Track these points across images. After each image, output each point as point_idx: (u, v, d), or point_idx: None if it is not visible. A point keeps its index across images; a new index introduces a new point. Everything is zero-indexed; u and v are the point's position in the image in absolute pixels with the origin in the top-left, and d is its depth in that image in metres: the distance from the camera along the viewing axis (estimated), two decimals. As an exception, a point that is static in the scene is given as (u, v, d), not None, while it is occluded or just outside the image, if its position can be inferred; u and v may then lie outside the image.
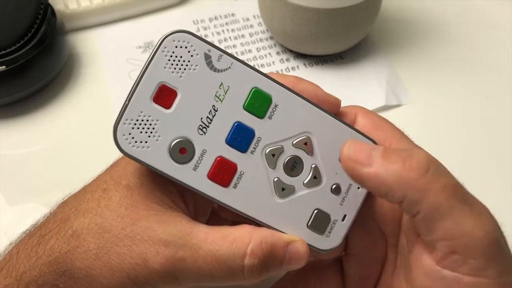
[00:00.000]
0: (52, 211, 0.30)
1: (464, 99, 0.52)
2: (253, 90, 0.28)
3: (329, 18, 0.49)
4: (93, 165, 0.34)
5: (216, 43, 0.56)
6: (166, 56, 0.27)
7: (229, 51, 0.55)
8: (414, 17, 0.59)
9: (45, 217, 0.30)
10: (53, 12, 0.51)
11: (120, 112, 0.27)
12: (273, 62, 0.55)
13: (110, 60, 0.55)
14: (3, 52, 0.47)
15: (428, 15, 0.59)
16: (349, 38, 0.53)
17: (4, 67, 0.47)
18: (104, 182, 0.29)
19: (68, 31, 0.55)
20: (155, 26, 0.58)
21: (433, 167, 0.26)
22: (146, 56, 0.55)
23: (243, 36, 0.57)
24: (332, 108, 0.30)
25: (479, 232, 0.25)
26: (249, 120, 0.28)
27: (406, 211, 0.27)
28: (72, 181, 0.32)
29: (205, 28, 0.57)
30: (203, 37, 0.28)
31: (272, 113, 0.29)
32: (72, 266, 0.27)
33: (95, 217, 0.28)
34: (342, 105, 0.32)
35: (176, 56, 0.27)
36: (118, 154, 0.32)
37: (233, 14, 0.59)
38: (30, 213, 0.44)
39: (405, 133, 0.31)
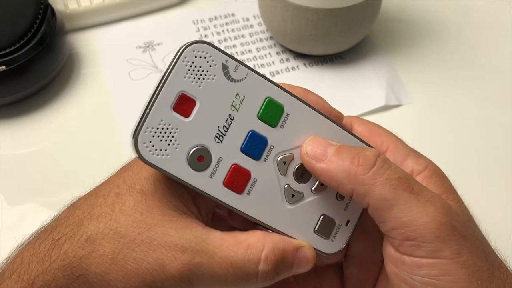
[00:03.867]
0: (61, 214, 0.30)
1: (464, 99, 0.52)
2: (267, 100, 0.29)
3: (329, 18, 0.49)
4: (93, 164, 0.35)
5: (216, 43, 0.56)
6: (186, 66, 0.27)
7: (229, 51, 0.55)
8: (414, 17, 0.59)
9: (55, 220, 0.30)
10: (53, 12, 0.51)
11: (140, 120, 0.27)
12: (273, 62, 0.55)
13: (110, 60, 0.55)
14: (3, 52, 0.47)
15: (428, 15, 0.59)
16: (349, 38, 0.53)
17: (4, 67, 0.47)
18: (117, 187, 0.29)
19: (68, 31, 0.55)
20: (155, 26, 0.58)
21: (379, 162, 0.28)
22: (146, 56, 0.55)
23: (243, 36, 0.57)
24: (336, 120, 0.31)
25: (426, 217, 0.27)
26: (262, 128, 0.29)
27: (359, 204, 0.29)
28: (72, 181, 0.32)
29: (205, 28, 0.57)
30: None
31: (284, 122, 0.29)
32: (87, 271, 0.27)
33: (110, 222, 0.28)
34: (342, 105, 0.32)
35: (195, 66, 0.27)
36: (117, 153, 0.32)
37: (233, 14, 0.59)
38: (30, 213, 0.44)
39: (399, 137, 0.32)
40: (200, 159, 0.28)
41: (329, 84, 0.53)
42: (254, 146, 0.29)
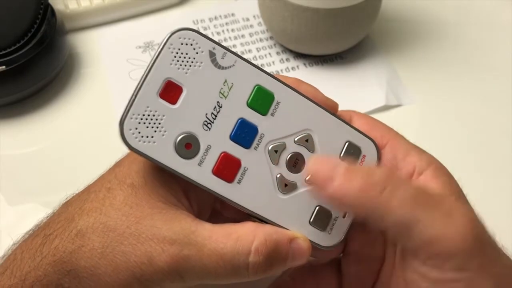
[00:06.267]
0: (55, 211, 0.30)
1: (464, 99, 0.52)
2: (256, 87, 0.29)
3: (329, 18, 0.49)
4: (93, 164, 0.34)
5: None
6: (172, 53, 0.27)
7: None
8: (414, 17, 0.59)
9: (48, 217, 0.30)
10: (53, 12, 0.51)
11: (126, 107, 0.27)
12: (273, 62, 0.55)
13: (110, 60, 0.55)
14: (3, 52, 0.47)
15: (428, 15, 0.59)
16: (349, 38, 0.53)
17: (4, 67, 0.47)
18: (108, 182, 0.29)
19: (68, 31, 0.55)
20: (155, 26, 0.58)
21: (392, 181, 0.26)
22: (146, 56, 0.55)
23: (243, 36, 0.57)
24: (331, 110, 0.31)
25: (450, 232, 0.26)
26: (252, 116, 0.29)
27: (376, 227, 0.27)
28: (72, 181, 0.32)
29: (205, 28, 0.57)
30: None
31: (274, 110, 0.29)
32: (77, 266, 0.27)
33: (100, 216, 0.28)
34: (342, 105, 0.32)
35: (182, 53, 0.27)
36: (117, 153, 0.32)
37: (233, 14, 0.59)
38: (30, 213, 0.44)
39: (399, 133, 0.32)
40: (187, 146, 0.27)
41: (329, 84, 0.53)
42: (244, 134, 0.28)
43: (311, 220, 0.30)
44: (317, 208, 0.30)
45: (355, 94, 0.52)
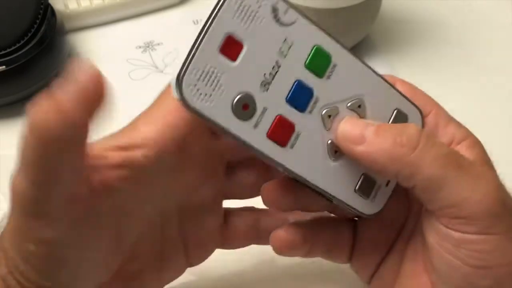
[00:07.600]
0: None
1: (464, 99, 0.52)
2: (315, 48, 0.27)
3: (329, 18, 0.49)
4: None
5: (216, 43, 0.56)
6: (235, 4, 0.25)
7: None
8: (414, 17, 0.59)
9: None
10: (53, 12, 0.51)
11: (185, 62, 0.25)
12: (273, 62, 0.54)
13: (110, 60, 0.55)
14: (3, 52, 0.47)
15: (428, 15, 0.59)
16: (349, 38, 0.53)
17: (4, 67, 0.47)
18: None
19: (68, 31, 0.55)
20: (155, 26, 0.58)
21: (423, 139, 0.26)
22: (146, 56, 0.55)
23: (243, 36, 0.57)
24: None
25: (478, 195, 0.26)
26: (309, 78, 0.27)
27: (403, 185, 0.28)
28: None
29: (205, 28, 0.57)
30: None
31: (330, 73, 0.28)
32: None
33: None
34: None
35: (244, 6, 0.25)
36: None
37: (233, 14, 0.59)
38: (30, 213, 0.44)
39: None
40: (245, 107, 0.26)
41: (329, 84, 0.53)
42: (300, 96, 0.27)
43: (357, 188, 0.29)
44: (363, 176, 0.29)
45: (355, 94, 0.52)
